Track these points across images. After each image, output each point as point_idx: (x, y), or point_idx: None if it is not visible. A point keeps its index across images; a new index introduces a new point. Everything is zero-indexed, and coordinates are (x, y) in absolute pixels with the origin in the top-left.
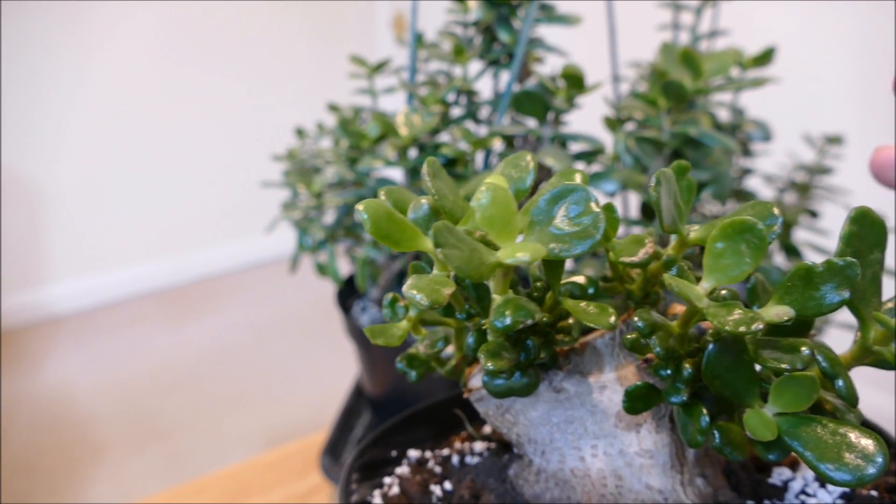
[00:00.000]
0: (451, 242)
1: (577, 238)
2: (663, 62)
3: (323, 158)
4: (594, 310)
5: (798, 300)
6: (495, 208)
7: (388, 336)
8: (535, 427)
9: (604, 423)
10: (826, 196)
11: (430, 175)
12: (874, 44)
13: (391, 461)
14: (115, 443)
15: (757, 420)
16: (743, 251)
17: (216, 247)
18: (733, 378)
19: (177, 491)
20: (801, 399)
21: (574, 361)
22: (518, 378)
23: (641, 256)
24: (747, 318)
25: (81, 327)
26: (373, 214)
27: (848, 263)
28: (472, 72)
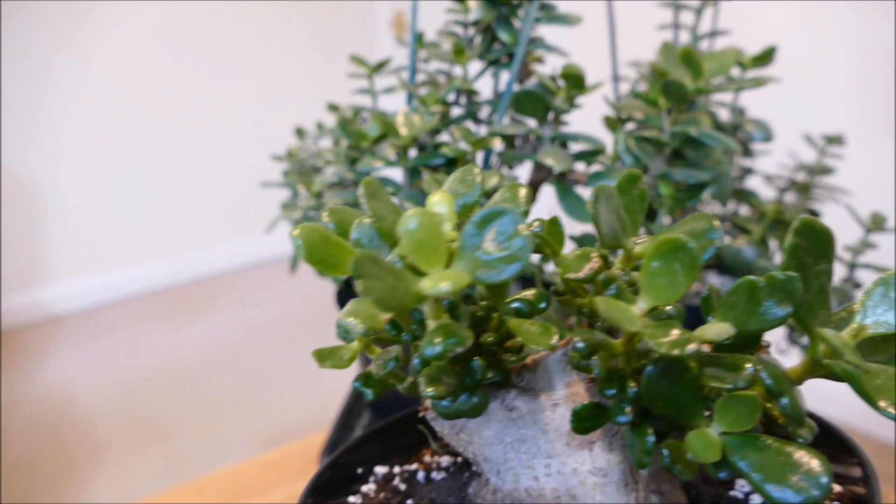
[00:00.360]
0: (372, 273)
1: (505, 262)
2: (663, 62)
3: (323, 158)
4: (537, 329)
5: (740, 316)
6: (421, 234)
7: (337, 359)
8: (489, 446)
9: (556, 442)
10: (826, 196)
11: (367, 196)
12: (874, 44)
13: (357, 478)
14: (115, 443)
15: (700, 441)
16: (677, 270)
17: (216, 247)
18: (676, 398)
19: (177, 491)
20: (744, 418)
21: (526, 379)
22: (465, 399)
23: (586, 272)
24: (682, 339)
25: (81, 327)
26: (307, 239)
27: (789, 278)
28: (472, 72)
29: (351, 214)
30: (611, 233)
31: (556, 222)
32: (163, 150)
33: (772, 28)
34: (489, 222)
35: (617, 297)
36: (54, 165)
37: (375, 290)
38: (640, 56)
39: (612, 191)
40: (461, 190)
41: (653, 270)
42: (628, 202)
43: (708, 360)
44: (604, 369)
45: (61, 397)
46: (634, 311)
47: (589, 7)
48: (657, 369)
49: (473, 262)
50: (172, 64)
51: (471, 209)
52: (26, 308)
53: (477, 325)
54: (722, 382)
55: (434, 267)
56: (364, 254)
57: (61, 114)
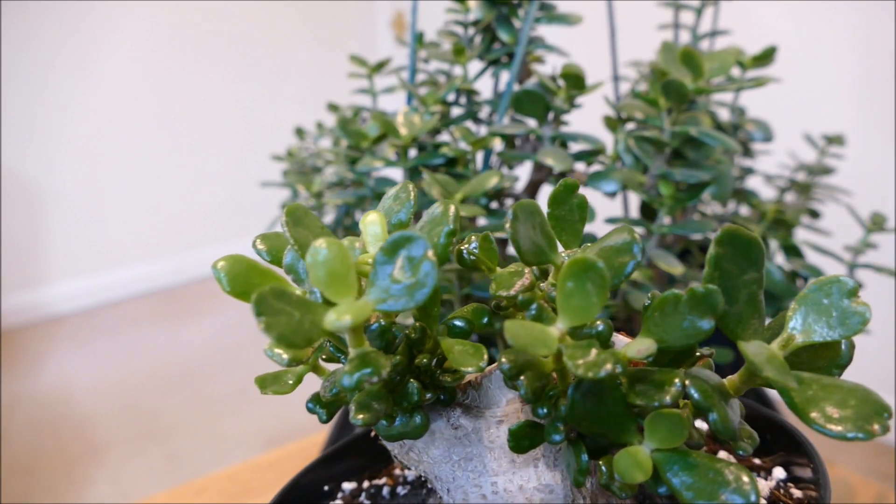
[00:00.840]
0: (275, 309)
1: (411, 290)
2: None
3: (322, 158)
4: (468, 350)
5: (665, 331)
6: (330, 265)
7: (281, 384)
8: (437, 465)
9: (501, 459)
10: (827, 196)
11: (289, 224)
12: (874, 44)
13: (324, 495)
14: (114, 443)
15: (628, 461)
16: (589, 290)
17: (216, 247)
18: (603, 417)
19: (177, 491)
20: (674, 435)
21: (472, 396)
22: (405, 421)
23: (518, 288)
24: (599, 360)
25: (81, 327)
26: (230, 271)
27: (709, 291)
28: (472, 72)
29: (283, 240)
30: (533, 249)
31: (489, 239)
32: (163, 150)
33: (772, 28)
34: (399, 248)
35: (538, 318)
36: (54, 165)
37: (277, 327)
38: (640, 56)
39: (532, 206)
40: (395, 208)
41: (567, 291)
42: (566, 213)
43: (638, 376)
44: (530, 390)
45: (61, 397)
46: (549, 333)
47: (589, 7)
48: (580, 390)
49: (383, 291)
50: (172, 64)
51: (404, 226)
52: (26, 308)
53: (413, 347)
54: (648, 400)
55: (343, 297)
56: (266, 290)
57: (61, 114)
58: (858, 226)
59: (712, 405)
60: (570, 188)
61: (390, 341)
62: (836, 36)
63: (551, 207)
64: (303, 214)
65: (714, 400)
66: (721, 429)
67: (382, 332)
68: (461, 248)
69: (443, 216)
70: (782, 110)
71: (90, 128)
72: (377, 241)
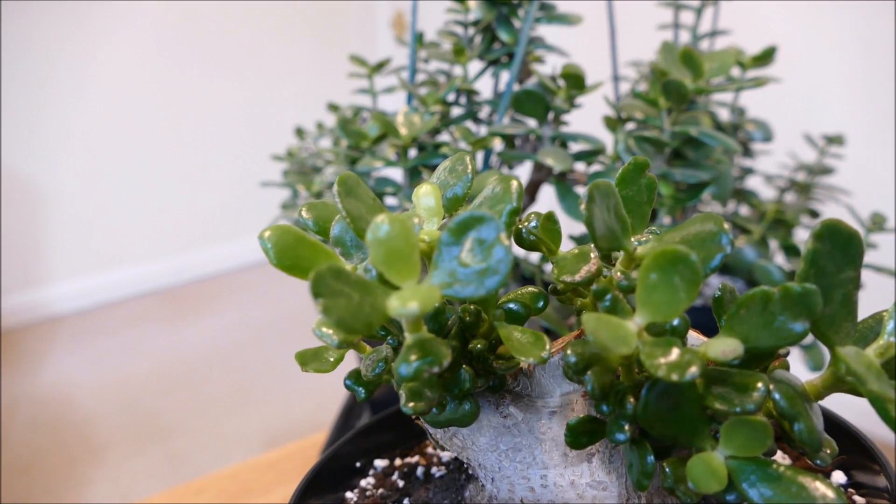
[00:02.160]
0: (334, 290)
1: (483, 276)
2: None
3: (323, 158)
4: (528, 339)
5: (751, 331)
6: (392, 243)
7: (321, 362)
8: (483, 453)
9: (553, 452)
10: (826, 196)
11: (341, 195)
12: (874, 43)
13: (356, 472)
14: (114, 443)
15: (702, 468)
16: (677, 285)
17: (216, 247)
18: (677, 420)
19: (177, 491)
20: (754, 444)
21: (522, 384)
22: (454, 408)
23: (583, 275)
24: (683, 362)
25: (81, 327)
26: (277, 242)
27: (806, 291)
28: (472, 72)
29: (331, 210)
30: (608, 234)
31: (552, 218)
32: (163, 150)
33: (772, 28)
34: (467, 229)
35: (612, 310)
36: (54, 165)
37: (336, 311)
38: (640, 56)
39: (608, 188)
40: (451, 181)
41: (650, 283)
42: (634, 193)
43: (715, 377)
44: (598, 386)
45: (61, 397)
46: (629, 329)
47: (589, 7)
48: (655, 391)
49: (449, 275)
50: (172, 64)
51: (461, 202)
52: (26, 308)
53: (466, 331)
54: (729, 405)
55: (406, 279)
56: (324, 269)
57: (61, 114)
58: (858, 226)
59: (799, 413)
60: (641, 166)
61: (443, 324)
62: (836, 36)
63: (620, 187)
64: (355, 184)
65: (801, 408)
66: (807, 439)
67: (437, 314)
68: (520, 226)
69: (504, 193)
70: (782, 110)
71: (90, 128)
72: (432, 215)
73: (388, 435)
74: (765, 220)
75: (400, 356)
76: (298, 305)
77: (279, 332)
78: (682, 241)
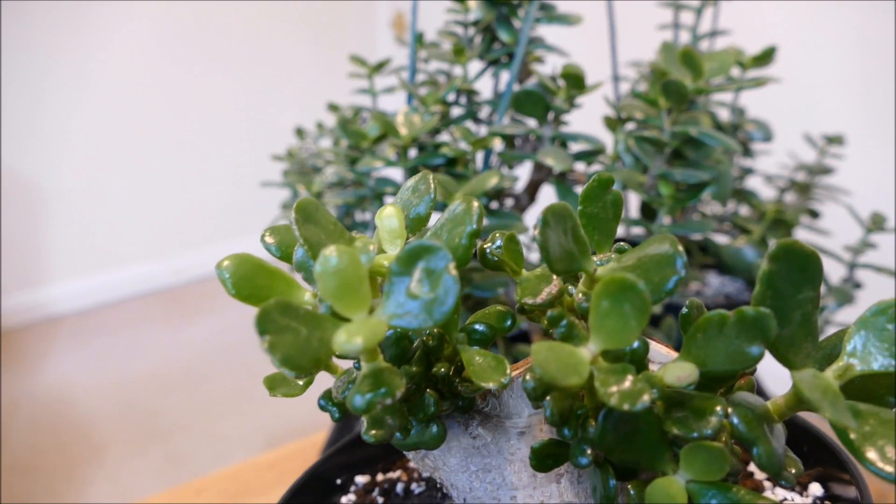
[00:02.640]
0: (280, 326)
1: (430, 306)
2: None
3: (323, 158)
4: (489, 363)
5: (708, 355)
6: (340, 276)
7: (290, 386)
8: (454, 474)
9: (522, 473)
10: (826, 196)
11: (299, 222)
12: (874, 43)
13: (337, 489)
14: (114, 443)
15: (662, 493)
16: (627, 312)
17: (216, 247)
18: (636, 445)
19: (177, 491)
20: (713, 469)
21: (491, 404)
22: (420, 431)
23: (545, 297)
24: (635, 390)
25: (81, 327)
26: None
27: (760, 314)
28: (472, 72)
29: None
30: (564, 257)
31: (514, 239)
32: (163, 149)
33: (772, 28)
34: (416, 259)
35: (567, 336)
36: (54, 165)
37: (282, 348)
38: (640, 56)
39: (564, 210)
40: (414, 201)
41: (602, 311)
42: (599, 210)
43: (675, 400)
44: (556, 412)
45: (61, 397)
46: (581, 357)
47: (589, 7)
48: (612, 419)
49: (398, 306)
50: (172, 64)
51: (424, 222)
52: (26, 308)
53: (430, 354)
54: (687, 430)
55: (356, 311)
56: (271, 304)
57: (61, 114)
58: (858, 226)
59: (757, 438)
60: (605, 183)
61: (406, 349)
62: (836, 36)
63: (583, 204)
64: (314, 210)
65: (759, 431)
66: (766, 463)
67: (398, 339)
68: (485, 246)
69: (465, 214)
70: (782, 110)
71: (90, 128)
72: (394, 237)
73: (371, 450)
74: (764, 220)
75: (354, 387)
76: None
77: None
78: (637, 264)
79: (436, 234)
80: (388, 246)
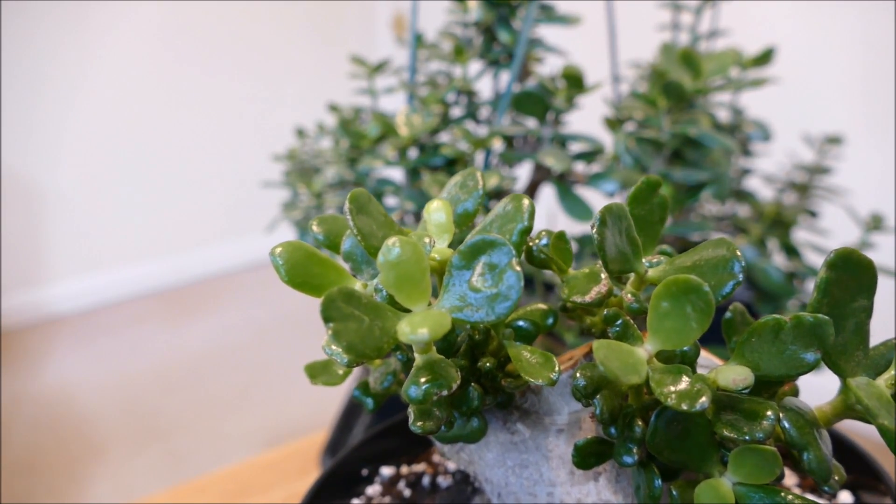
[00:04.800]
0: (344, 314)
1: (492, 301)
2: (663, 62)
3: (323, 158)
4: (537, 360)
5: (763, 360)
6: (402, 267)
7: (330, 375)
8: (490, 468)
9: (560, 470)
10: (826, 196)
11: (353, 212)
12: (874, 43)
13: (362, 480)
14: (115, 443)
15: (710, 494)
16: (688, 314)
17: (216, 247)
18: (686, 446)
19: (177, 491)
20: (763, 472)
21: (530, 400)
22: (462, 424)
23: (594, 296)
24: (693, 391)
25: (81, 327)
26: (289, 259)
27: (818, 321)
28: (472, 72)
29: (342, 224)
30: (619, 257)
31: (563, 237)
32: (163, 149)
33: (772, 28)
34: (479, 253)
35: (622, 335)
36: (54, 165)
37: (346, 335)
38: (640, 56)
39: (621, 210)
40: (462, 196)
41: (662, 311)
42: (646, 213)
43: (725, 403)
44: (607, 410)
45: (61, 397)
46: (639, 356)
47: (589, 7)
48: (664, 418)
49: (460, 298)
50: (172, 64)
51: (471, 217)
52: (26, 308)
53: (475, 348)
54: (738, 433)
55: (417, 302)
56: (335, 292)
57: (61, 114)
58: (857, 226)
59: (808, 443)
60: (653, 185)
61: (453, 342)
62: (835, 36)
63: (632, 206)
64: (366, 201)
65: (810, 437)
66: (816, 468)
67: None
68: (530, 244)
69: (516, 212)
70: (782, 110)
71: (90, 127)
72: (442, 231)
73: (394, 442)
74: (763, 220)
75: (409, 378)
76: (298, 305)
77: (279, 332)
78: (693, 267)
79: (485, 230)
80: (437, 241)
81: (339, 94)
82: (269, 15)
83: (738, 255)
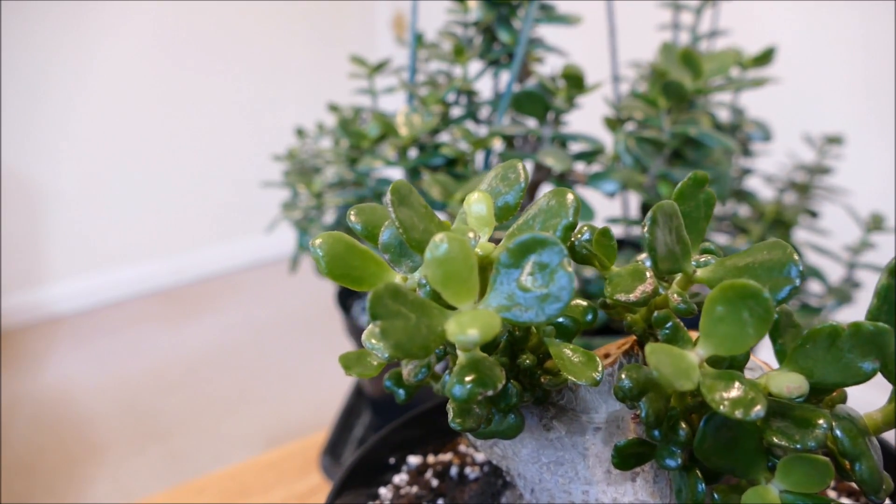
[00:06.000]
0: (391, 311)
1: (542, 302)
2: (663, 62)
3: (323, 158)
4: (580, 359)
5: (817, 367)
6: (450, 264)
7: (364, 366)
8: (524, 464)
9: (596, 469)
10: (826, 196)
11: (395, 203)
12: (874, 43)
13: (389, 468)
14: (115, 443)
15: (759, 500)
16: (745, 320)
17: (216, 247)
18: (734, 453)
19: (177, 491)
20: (813, 481)
21: (567, 397)
22: (499, 420)
23: (639, 295)
24: (747, 399)
25: (81, 327)
26: (329, 251)
27: (879, 330)
28: (472, 72)
29: (380, 215)
30: (668, 257)
31: (608, 234)
32: (163, 149)
33: (772, 28)
34: (528, 252)
35: (672, 338)
36: (54, 165)
37: (394, 334)
38: (640, 56)
39: (672, 209)
40: (503, 189)
41: (717, 315)
42: (692, 209)
43: (775, 410)
44: (653, 413)
45: (61, 397)
46: (691, 361)
47: (589, 7)
48: (713, 424)
49: (508, 298)
50: (172, 64)
51: (512, 211)
52: (26, 308)
53: (515, 345)
54: (789, 441)
55: (463, 300)
56: (382, 289)
57: (61, 113)
58: (857, 225)
59: (861, 453)
60: (700, 181)
61: (495, 339)
62: (836, 36)
63: (678, 202)
64: (407, 193)
65: (863, 447)
66: (867, 479)
67: None
68: (572, 239)
69: (560, 207)
70: (782, 110)
71: (90, 127)
72: (483, 224)
73: (421, 430)
74: (764, 220)
75: (453, 375)
76: (298, 306)
77: (279, 332)
78: (747, 269)
79: (527, 225)
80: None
81: (339, 94)
82: (268, 15)
83: (795, 259)
